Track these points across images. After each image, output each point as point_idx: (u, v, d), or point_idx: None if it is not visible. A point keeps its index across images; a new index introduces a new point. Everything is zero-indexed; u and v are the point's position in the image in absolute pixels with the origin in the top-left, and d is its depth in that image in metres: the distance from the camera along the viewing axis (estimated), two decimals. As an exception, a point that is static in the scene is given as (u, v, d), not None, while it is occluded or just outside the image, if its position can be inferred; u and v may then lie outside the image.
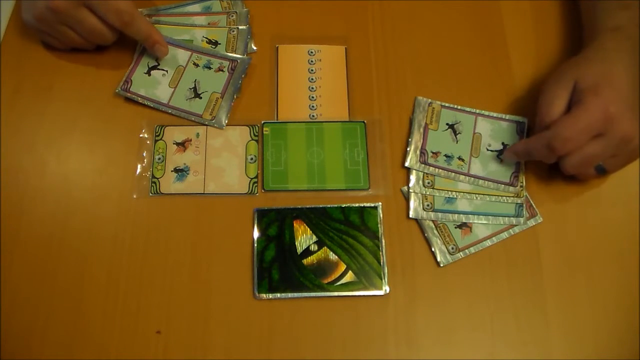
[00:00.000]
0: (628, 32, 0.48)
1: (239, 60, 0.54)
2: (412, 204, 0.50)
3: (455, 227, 0.49)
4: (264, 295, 0.46)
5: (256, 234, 0.48)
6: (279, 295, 0.46)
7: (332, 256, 0.48)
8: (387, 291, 0.47)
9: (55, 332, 0.45)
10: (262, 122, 0.52)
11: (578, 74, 0.46)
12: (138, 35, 0.52)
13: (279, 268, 0.47)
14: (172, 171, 0.50)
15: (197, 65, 0.54)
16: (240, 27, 0.56)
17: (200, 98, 0.53)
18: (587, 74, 0.46)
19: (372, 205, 0.49)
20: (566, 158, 0.46)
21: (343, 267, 0.47)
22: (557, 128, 0.45)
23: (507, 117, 0.53)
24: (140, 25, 0.51)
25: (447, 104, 0.53)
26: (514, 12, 0.58)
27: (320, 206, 0.49)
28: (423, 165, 0.51)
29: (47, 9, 0.48)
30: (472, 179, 0.50)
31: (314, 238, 0.48)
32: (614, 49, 0.47)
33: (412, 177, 0.50)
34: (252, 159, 0.51)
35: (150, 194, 0.49)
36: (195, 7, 0.57)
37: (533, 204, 0.50)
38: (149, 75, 0.53)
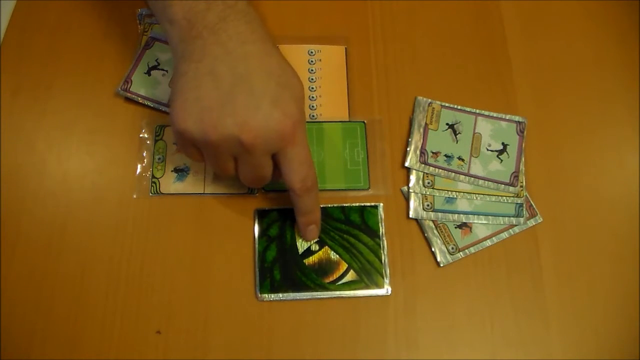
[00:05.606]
0: None
1: (239, 60, 0.54)
2: (412, 204, 0.50)
3: (455, 227, 0.49)
4: (266, 296, 0.46)
5: (257, 234, 0.48)
6: (281, 295, 0.46)
7: (334, 255, 0.48)
8: (389, 290, 0.47)
9: (55, 332, 0.45)
10: (263, 122, 0.52)
11: None
12: (304, 205, 0.45)
13: (281, 268, 0.47)
14: (172, 171, 0.50)
15: (197, 65, 0.54)
16: (240, 27, 0.56)
17: (201, 98, 0.53)
18: None
19: (373, 204, 0.49)
20: None
21: (344, 266, 0.47)
22: None
23: (507, 117, 0.53)
24: (315, 197, 0.45)
25: (447, 104, 0.53)
26: (514, 12, 0.58)
27: (321, 206, 0.49)
28: (423, 165, 0.51)
29: (236, 140, 0.39)
30: (472, 179, 0.51)
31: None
32: None
33: (412, 177, 0.50)
34: (252, 159, 0.51)
35: (150, 194, 0.49)
36: (195, 7, 0.57)
37: (533, 204, 0.50)
38: (149, 75, 0.53)
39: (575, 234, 0.49)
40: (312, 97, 0.54)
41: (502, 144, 0.52)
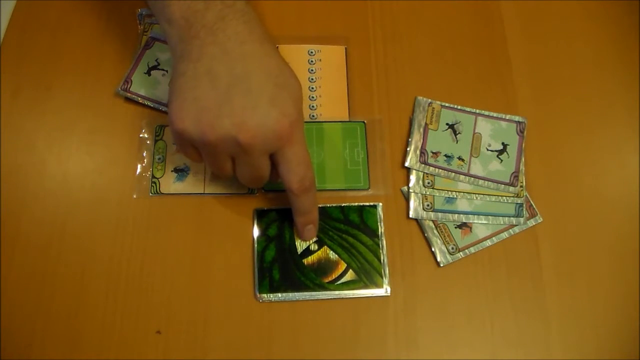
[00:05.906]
0: None
1: (239, 60, 0.54)
2: (412, 204, 0.50)
3: (455, 227, 0.49)
4: (264, 296, 0.46)
5: (256, 234, 0.48)
6: (280, 295, 0.46)
7: (332, 255, 0.48)
8: (388, 289, 0.47)
9: (55, 332, 0.45)
10: (262, 122, 0.52)
11: None
12: (302, 205, 0.45)
13: (280, 268, 0.47)
14: (172, 171, 0.50)
15: (197, 65, 0.54)
16: (240, 27, 0.56)
17: (200, 98, 0.53)
18: None
19: (372, 204, 0.49)
20: None
21: (343, 265, 0.47)
22: None
23: (507, 117, 0.53)
24: (313, 197, 0.45)
25: (447, 104, 0.53)
26: (514, 12, 0.58)
27: (320, 206, 0.49)
28: (423, 165, 0.51)
29: (234, 140, 0.39)
30: (472, 179, 0.51)
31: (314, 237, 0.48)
32: None
33: (412, 177, 0.50)
34: (252, 159, 0.51)
35: (150, 194, 0.49)
36: (195, 7, 0.57)
37: (533, 204, 0.50)
38: (149, 75, 0.53)
39: (575, 234, 0.49)
40: (312, 97, 0.54)
41: (502, 144, 0.52)
